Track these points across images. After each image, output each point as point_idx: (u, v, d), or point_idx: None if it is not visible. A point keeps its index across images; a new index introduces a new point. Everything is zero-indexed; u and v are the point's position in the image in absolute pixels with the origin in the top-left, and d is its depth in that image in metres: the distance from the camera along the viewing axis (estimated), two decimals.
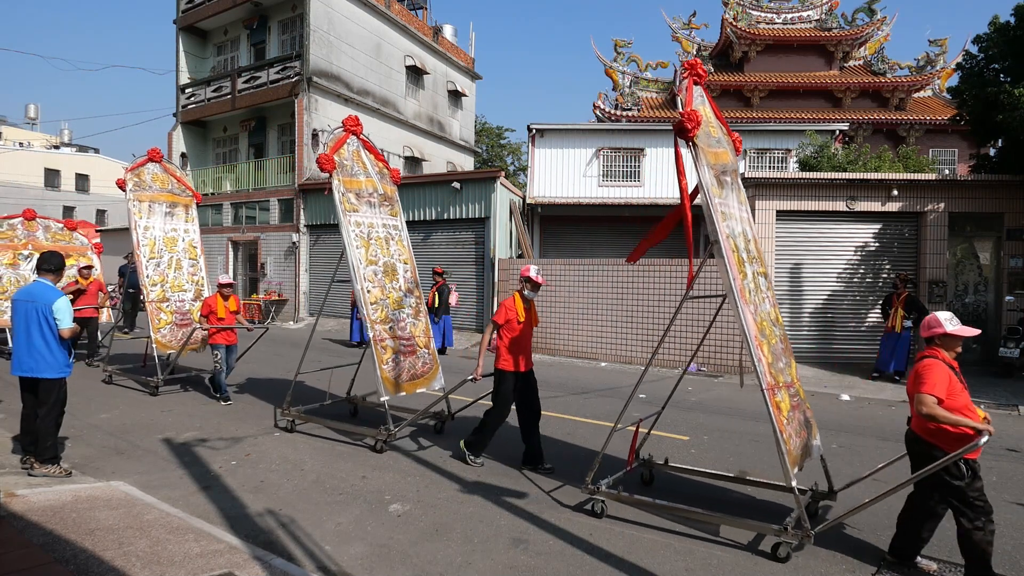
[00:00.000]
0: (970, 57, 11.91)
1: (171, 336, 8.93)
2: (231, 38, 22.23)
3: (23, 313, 4.91)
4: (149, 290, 8.78)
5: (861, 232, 11.40)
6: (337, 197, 6.17)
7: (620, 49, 25.01)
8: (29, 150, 37.63)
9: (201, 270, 9.70)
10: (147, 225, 9.04)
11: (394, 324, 6.42)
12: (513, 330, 5.33)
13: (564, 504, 4.65)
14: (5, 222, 11.40)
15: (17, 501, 4.22)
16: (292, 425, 6.50)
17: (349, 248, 6.11)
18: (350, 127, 6.59)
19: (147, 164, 9.30)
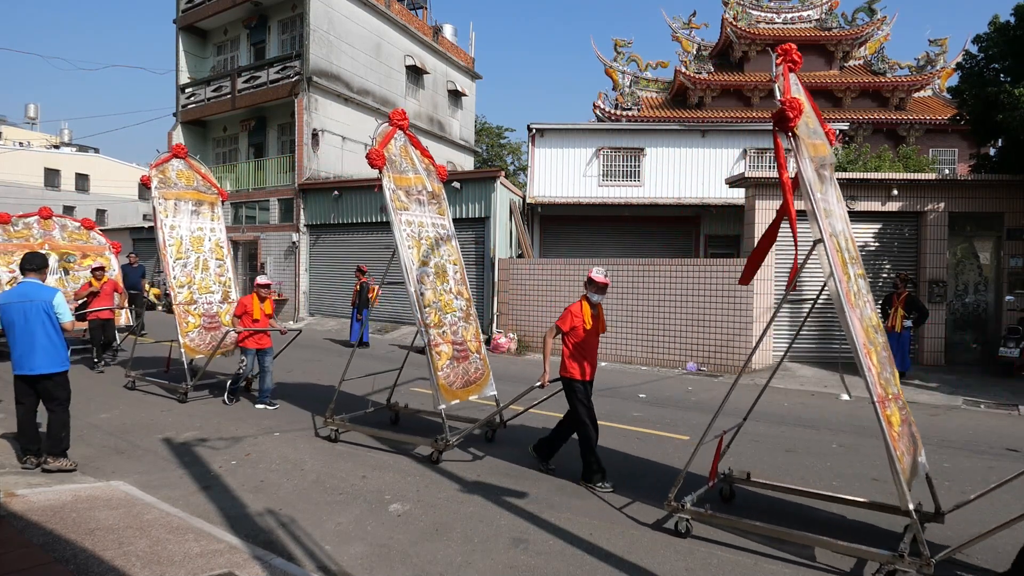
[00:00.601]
0: (970, 57, 11.92)
1: (199, 340, 8.46)
2: (231, 38, 22.22)
3: (21, 313, 4.91)
4: (177, 292, 8.35)
5: (861, 232, 11.39)
6: (387, 195, 5.81)
7: (620, 49, 25.00)
8: (29, 150, 37.63)
9: (228, 271, 9.27)
10: (173, 224, 8.57)
11: (447, 328, 6.10)
12: (578, 337, 5.05)
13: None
14: (21, 221, 11.04)
15: (17, 501, 4.22)
16: (336, 435, 6.17)
17: (401, 248, 5.77)
18: (396, 121, 6.20)
19: (171, 160, 8.86)
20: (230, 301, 9.01)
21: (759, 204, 11.23)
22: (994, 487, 3.90)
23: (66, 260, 11.30)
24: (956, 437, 6.80)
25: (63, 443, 5.10)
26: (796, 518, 4.41)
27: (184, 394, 7.76)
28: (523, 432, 6.49)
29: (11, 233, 10.76)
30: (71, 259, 11.40)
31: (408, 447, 5.91)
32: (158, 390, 8.39)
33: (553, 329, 5.17)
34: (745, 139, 17.67)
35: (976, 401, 8.62)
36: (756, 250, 4.41)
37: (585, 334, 5.03)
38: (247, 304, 7.48)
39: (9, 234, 10.73)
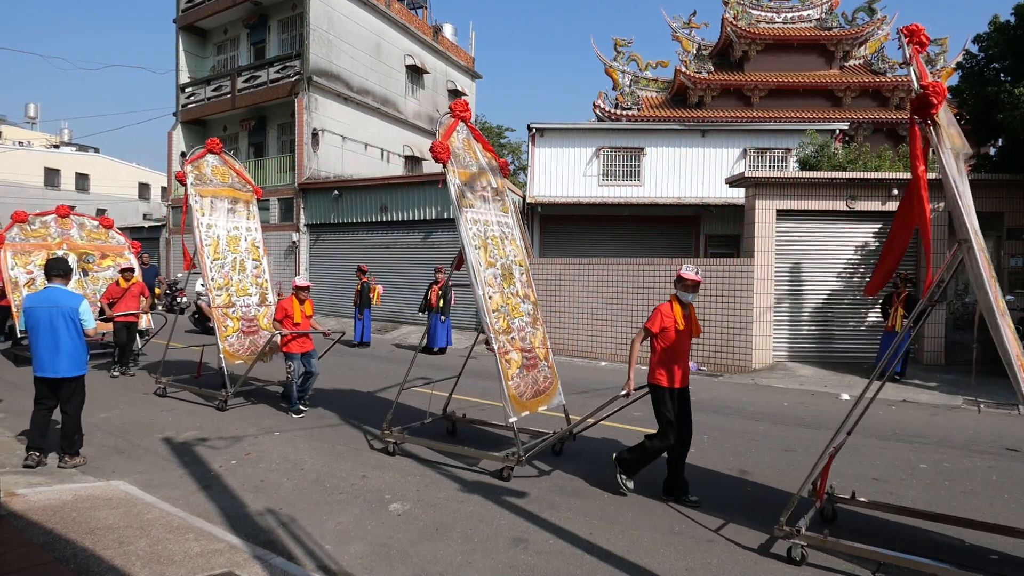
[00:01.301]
0: (970, 56, 11.91)
1: (239, 344, 8.03)
2: (231, 37, 22.22)
3: (47, 318, 5.12)
4: (215, 295, 7.90)
5: (861, 231, 11.40)
6: (453, 191, 5.38)
7: (620, 48, 24.99)
8: (29, 149, 37.62)
9: (265, 272, 8.81)
10: (209, 223, 8.11)
11: (515, 334, 5.66)
12: (668, 339, 4.63)
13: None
14: (38, 220, 10.56)
15: (17, 500, 4.22)
16: (394, 448, 5.78)
17: (468, 249, 5.36)
18: (459, 112, 5.76)
19: (206, 155, 8.38)
20: (267, 304, 8.64)
21: (759, 204, 11.23)
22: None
23: (85, 260, 10.93)
24: (956, 437, 6.79)
25: (77, 443, 5.34)
26: (913, 542, 3.98)
27: (224, 402, 7.34)
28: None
29: (28, 232, 10.33)
30: (90, 259, 11.03)
31: (472, 461, 5.54)
32: (192, 397, 7.92)
33: (641, 332, 4.78)
34: (745, 139, 17.67)
35: (976, 400, 8.61)
36: (890, 257, 3.97)
37: (677, 336, 4.63)
38: (287, 307, 7.14)
39: (26, 233, 10.31)
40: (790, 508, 3.76)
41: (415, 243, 16.47)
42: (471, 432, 6.58)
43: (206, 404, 7.50)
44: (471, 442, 6.08)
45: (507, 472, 5.11)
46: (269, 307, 8.57)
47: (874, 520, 4.37)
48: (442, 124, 5.68)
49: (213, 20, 21.81)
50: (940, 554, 3.75)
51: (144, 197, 41.76)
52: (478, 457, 5.46)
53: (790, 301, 11.38)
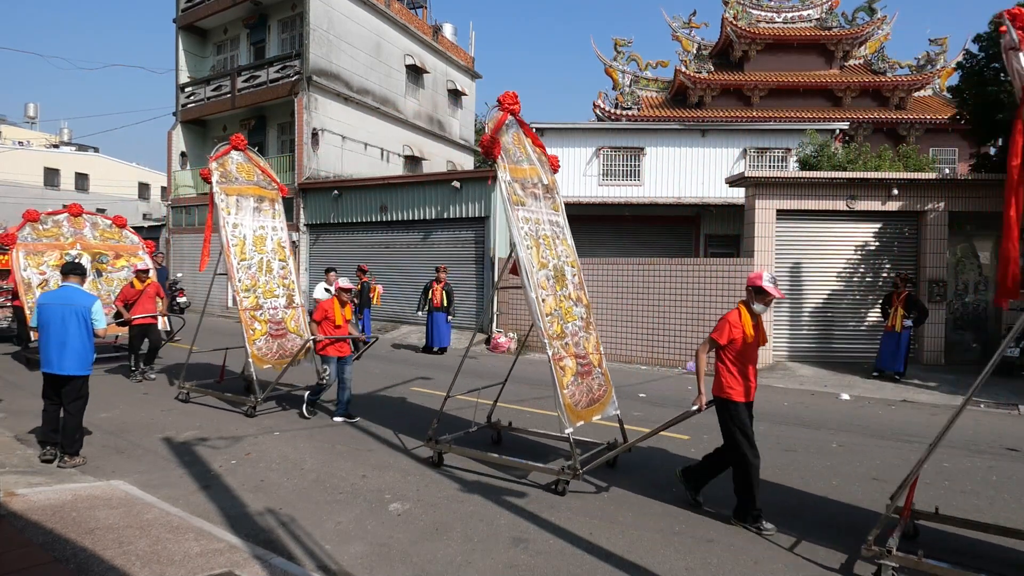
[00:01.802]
0: (970, 56, 11.92)
1: (267, 348, 7.70)
2: (231, 37, 22.22)
3: (59, 316, 5.18)
4: (242, 297, 7.59)
5: (861, 231, 11.40)
6: (503, 188, 5.09)
7: (620, 48, 25.00)
8: (28, 149, 37.61)
9: (291, 273, 8.45)
10: (236, 222, 7.78)
11: (569, 339, 5.32)
12: (736, 350, 4.36)
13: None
14: (50, 219, 10.26)
15: (17, 500, 4.22)
16: (440, 458, 5.48)
17: (520, 248, 5.05)
18: (508, 105, 5.36)
19: (231, 152, 8.08)
20: (294, 306, 8.32)
21: (759, 204, 11.23)
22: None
23: (99, 260, 10.65)
24: (956, 437, 6.79)
25: (77, 444, 5.36)
26: (998, 562, 3.79)
27: (252, 408, 7.06)
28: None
29: (40, 232, 10.03)
30: (104, 259, 10.75)
31: (521, 473, 5.24)
32: (218, 402, 7.64)
33: (707, 343, 4.51)
34: (745, 139, 17.67)
35: (976, 400, 8.62)
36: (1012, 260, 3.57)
37: (745, 347, 4.36)
38: (328, 309, 6.86)
39: (38, 232, 10.00)
40: (879, 527, 3.48)
41: (415, 243, 16.47)
42: (516, 441, 6.23)
43: (232, 410, 7.28)
44: (517, 451, 5.74)
45: (562, 486, 4.80)
46: (296, 309, 8.32)
47: (952, 536, 4.09)
48: (491, 118, 5.33)
49: (213, 20, 21.80)
50: None
51: (144, 197, 41.75)
52: (528, 469, 5.13)
53: (790, 301, 11.38)
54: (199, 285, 20.82)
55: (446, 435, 5.72)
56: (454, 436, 5.78)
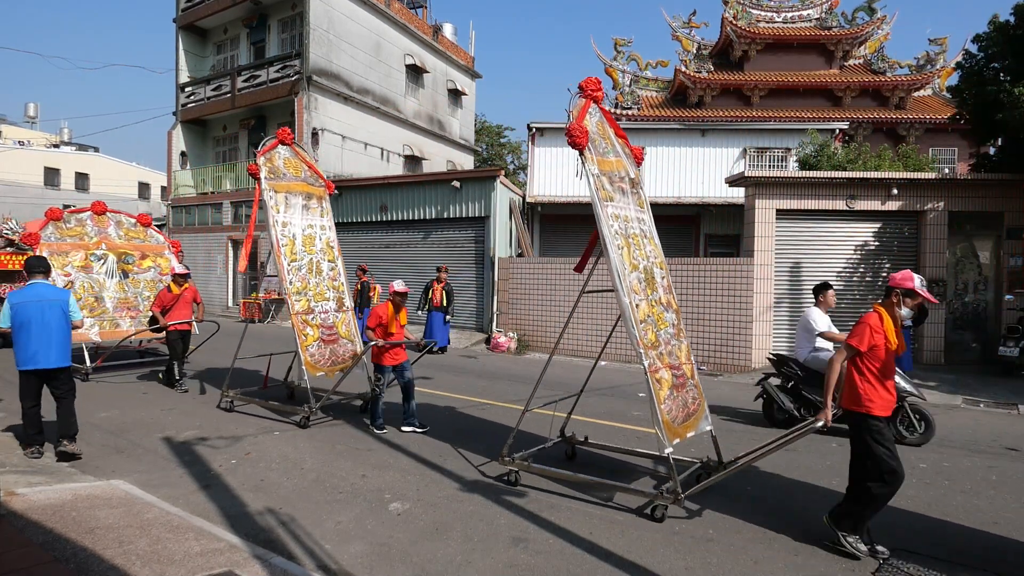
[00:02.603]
0: (970, 56, 11.92)
1: (319, 355, 7.27)
2: (231, 37, 22.22)
3: (38, 312, 5.30)
4: (293, 300, 7.15)
5: (861, 231, 11.40)
6: (591, 183, 4.61)
7: (620, 48, 25.00)
8: (29, 149, 37.62)
9: (340, 275, 8.00)
10: (285, 221, 7.36)
11: (663, 349, 4.83)
12: (878, 358, 3.92)
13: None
14: (73, 217, 9.87)
15: (17, 500, 4.22)
16: (516, 477, 4.98)
17: (610, 248, 4.52)
18: (591, 92, 4.86)
19: (277, 147, 7.60)
20: (345, 309, 7.90)
21: (759, 203, 11.23)
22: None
23: (124, 261, 10.24)
24: (956, 436, 6.80)
25: (74, 427, 5.54)
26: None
27: (306, 419, 6.62)
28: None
29: (64, 231, 9.65)
30: (129, 260, 10.33)
31: (606, 495, 4.75)
32: (264, 412, 7.22)
33: (842, 350, 3.99)
34: (745, 138, 17.67)
35: (976, 400, 8.63)
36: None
37: (887, 354, 3.94)
38: (382, 315, 6.48)
39: (62, 232, 9.62)
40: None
41: (415, 242, 16.47)
42: (590, 457, 5.70)
43: (282, 421, 6.87)
44: (601, 470, 5.21)
45: (660, 511, 4.29)
46: (347, 313, 7.92)
47: None
48: (573, 106, 4.81)
49: (213, 19, 21.80)
50: None
51: (144, 197, 41.75)
52: (615, 490, 4.71)
53: (790, 301, 11.38)
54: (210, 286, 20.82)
55: (521, 452, 5.17)
56: (530, 453, 5.21)
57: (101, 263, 9.86)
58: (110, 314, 9.82)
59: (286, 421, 6.82)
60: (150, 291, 10.36)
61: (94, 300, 9.65)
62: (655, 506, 4.35)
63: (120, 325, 9.88)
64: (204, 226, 21.82)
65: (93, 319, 9.47)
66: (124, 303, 10.02)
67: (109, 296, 9.88)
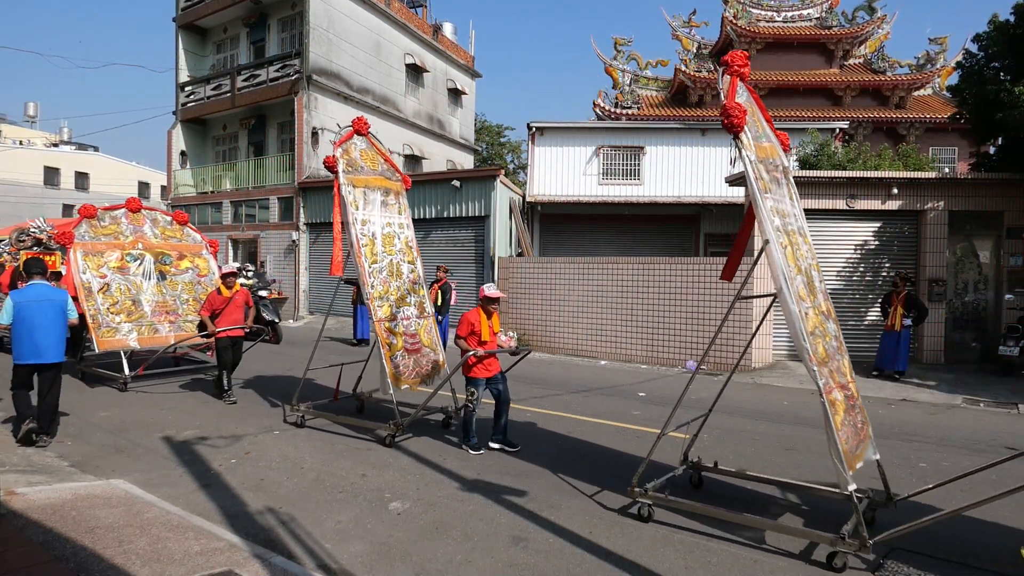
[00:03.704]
0: (970, 55, 11.91)
1: (404, 366, 6.56)
2: (230, 36, 22.20)
3: (40, 311, 5.69)
4: (376, 306, 6.43)
5: (861, 230, 11.40)
6: (750, 171, 3.99)
7: (620, 47, 24.99)
8: (28, 148, 37.62)
9: (421, 277, 7.30)
10: (364, 219, 6.67)
11: (831, 365, 4.13)
12: None
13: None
14: (107, 214, 9.27)
15: (17, 499, 4.22)
16: (650, 513, 4.28)
17: (774, 248, 3.90)
18: (738, 67, 4.17)
19: (353, 138, 6.98)
20: (426, 315, 7.17)
21: None
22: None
23: (161, 262, 9.56)
24: (956, 436, 6.80)
25: (55, 424, 6.09)
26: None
27: (392, 436, 6.03)
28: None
29: (98, 229, 9.03)
30: (166, 260, 9.65)
31: (756, 534, 4.10)
32: (342, 429, 6.58)
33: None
34: None
35: (976, 400, 8.63)
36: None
37: None
38: (474, 322, 5.88)
39: (96, 230, 8.99)
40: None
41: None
42: (721, 487, 5.03)
43: (362, 438, 6.30)
44: (718, 499, 4.55)
45: (840, 560, 3.60)
46: (428, 319, 7.20)
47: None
48: (723, 84, 4.17)
49: (213, 19, 21.78)
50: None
51: (144, 196, 41.72)
52: (766, 528, 4.07)
53: None
54: None
55: (651, 482, 4.41)
56: (660, 483, 4.46)
57: (138, 264, 9.22)
58: (148, 319, 9.08)
59: (364, 438, 6.26)
60: (188, 294, 9.74)
61: (131, 304, 8.96)
62: (834, 553, 3.64)
63: (158, 330, 9.16)
64: (204, 225, 21.80)
65: (131, 324, 8.81)
66: (162, 307, 9.34)
67: (147, 299, 9.16)
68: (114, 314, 8.67)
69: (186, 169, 22.67)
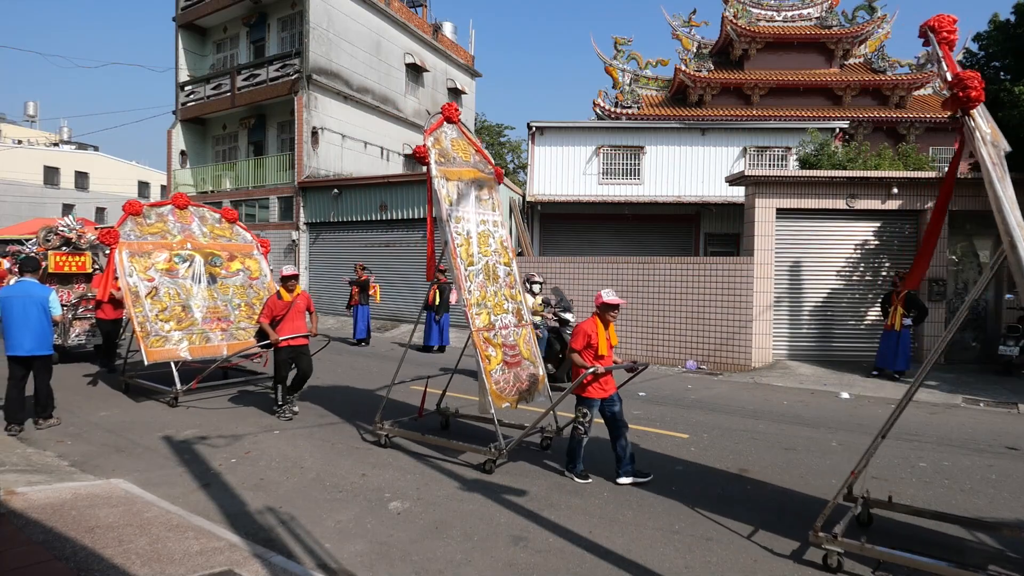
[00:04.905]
0: (970, 55, 11.91)
1: (504, 381, 5.78)
2: (230, 35, 22.19)
3: (21, 306, 6.11)
4: (473, 314, 5.72)
5: (861, 230, 11.39)
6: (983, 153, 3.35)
7: (620, 47, 24.96)
8: (28, 147, 37.60)
9: (517, 281, 6.51)
10: (459, 216, 5.93)
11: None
12: None
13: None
14: (153, 211, 8.52)
15: (17, 498, 4.22)
16: (839, 562, 3.61)
17: (1016, 240, 3.29)
18: (946, 32, 3.61)
19: (443, 125, 6.25)
20: (524, 323, 6.40)
21: (759, 202, 11.23)
22: None
23: (211, 263, 8.68)
24: (955, 435, 6.80)
25: (49, 407, 6.41)
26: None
27: (492, 462, 5.30)
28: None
29: (144, 227, 8.27)
30: (216, 261, 8.77)
31: None
32: (434, 452, 5.81)
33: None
34: (745, 137, 17.66)
35: (975, 399, 8.63)
36: None
37: None
38: (591, 333, 5.07)
39: (143, 228, 8.24)
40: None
41: (415, 241, 16.46)
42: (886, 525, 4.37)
43: (456, 462, 5.58)
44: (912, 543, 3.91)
45: None
46: (527, 328, 6.44)
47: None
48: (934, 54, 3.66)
49: (213, 18, 21.77)
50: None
51: (144, 195, 41.73)
52: None
53: (790, 300, 11.38)
54: None
55: (838, 526, 3.75)
56: (844, 526, 3.79)
57: (187, 265, 8.35)
58: (199, 326, 8.19)
59: (456, 461, 5.58)
60: (240, 298, 8.82)
61: (181, 310, 8.07)
62: None
63: (210, 339, 8.23)
64: None
65: (181, 332, 7.94)
66: (213, 313, 8.44)
67: (197, 305, 8.28)
68: (163, 321, 7.82)
69: (186, 169, 22.66)
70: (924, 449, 6.20)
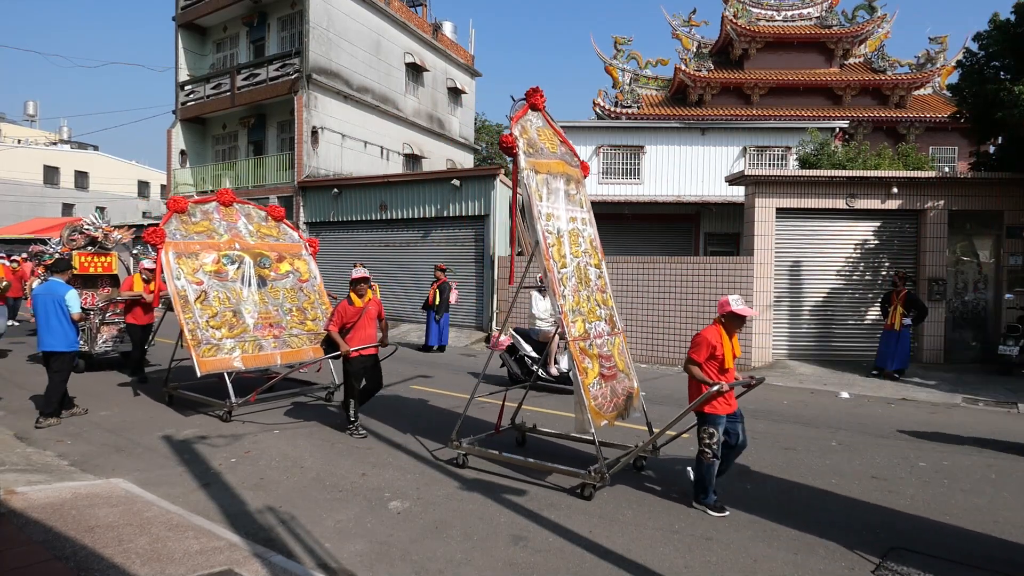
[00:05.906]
0: (970, 55, 11.90)
1: (601, 396, 5.08)
2: (230, 35, 22.18)
3: (43, 305, 6.46)
4: (569, 321, 5.00)
5: (861, 229, 11.40)
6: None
7: (620, 46, 24.97)
8: (28, 147, 37.58)
9: (608, 284, 5.94)
10: (549, 212, 5.27)
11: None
12: None
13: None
14: (198, 209, 7.83)
15: (17, 498, 4.22)
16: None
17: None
18: None
19: (528, 113, 5.54)
20: (617, 331, 5.76)
21: (759, 202, 11.23)
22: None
23: (260, 264, 7.95)
24: (955, 435, 6.80)
25: (51, 406, 6.54)
26: None
27: (592, 487, 4.69)
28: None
29: (190, 226, 7.58)
30: (265, 263, 8.03)
31: None
32: (521, 476, 5.18)
33: None
34: (745, 137, 17.66)
35: (975, 399, 8.63)
36: None
37: None
38: (715, 344, 4.48)
39: (188, 227, 7.56)
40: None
41: (414, 241, 16.46)
42: None
43: (544, 484, 5.02)
44: None
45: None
46: (620, 336, 5.81)
47: None
48: None
49: (212, 18, 21.76)
50: None
51: (143, 195, 41.75)
52: None
53: (790, 299, 11.38)
54: None
55: None
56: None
57: (236, 267, 7.63)
58: (251, 333, 7.43)
59: (542, 484, 5.02)
60: (291, 302, 8.10)
61: (232, 315, 7.34)
62: None
63: (263, 347, 7.48)
64: None
65: (233, 340, 7.20)
66: (265, 318, 7.68)
67: (248, 310, 7.53)
68: (215, 328, 7.06)
69: (186, 168, 22.66)
70: (924, 448, 6.20)
